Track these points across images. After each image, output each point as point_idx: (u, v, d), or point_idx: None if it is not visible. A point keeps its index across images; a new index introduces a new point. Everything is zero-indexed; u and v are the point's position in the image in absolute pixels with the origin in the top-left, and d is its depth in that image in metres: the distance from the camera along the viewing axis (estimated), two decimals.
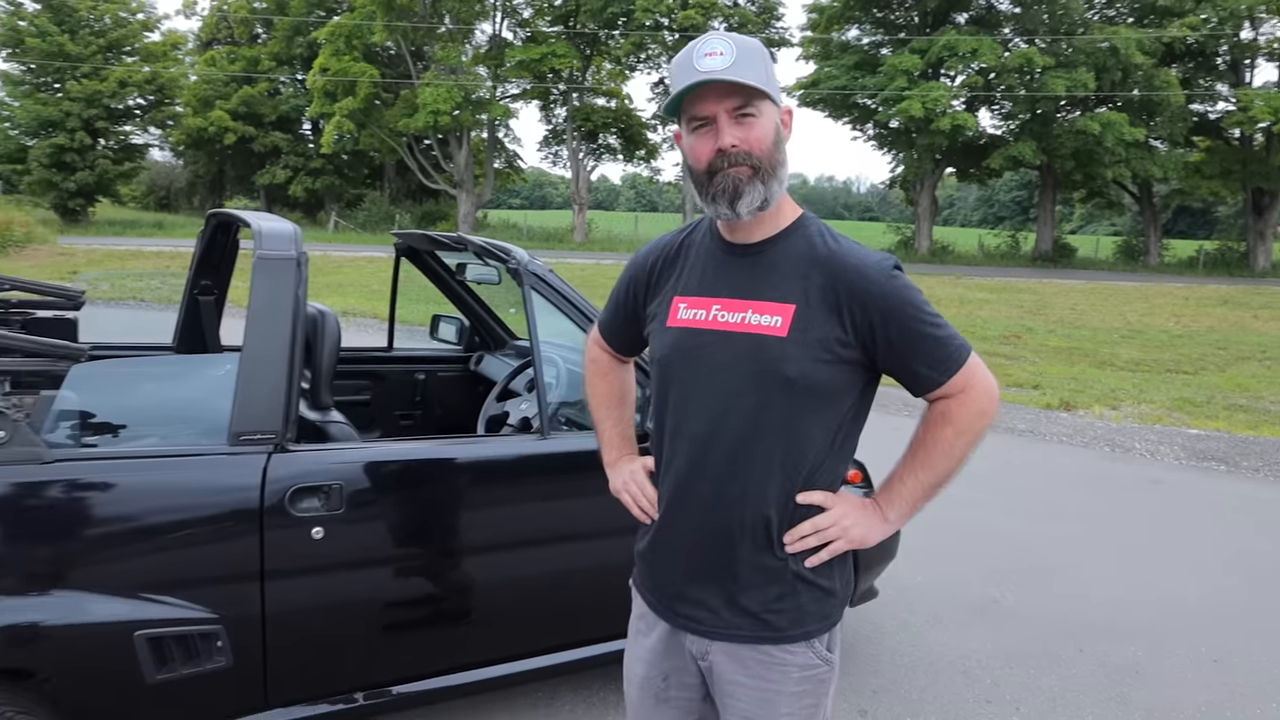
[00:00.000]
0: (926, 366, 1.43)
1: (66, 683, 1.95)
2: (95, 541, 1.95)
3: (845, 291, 1.41)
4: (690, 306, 1.51)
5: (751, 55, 1.38)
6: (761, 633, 1.48)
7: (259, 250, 2.19)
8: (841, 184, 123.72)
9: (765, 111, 1.40)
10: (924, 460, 1.48)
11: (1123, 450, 6.96)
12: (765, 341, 1.42)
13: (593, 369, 1.82)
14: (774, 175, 1.42)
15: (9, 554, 1.88)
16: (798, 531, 1.47)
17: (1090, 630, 3.75)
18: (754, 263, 1.48)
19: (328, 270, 18.61)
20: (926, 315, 1.42)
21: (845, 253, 1.44)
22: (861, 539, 1.50)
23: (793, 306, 1.42)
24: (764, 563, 1.47)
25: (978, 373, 1.45)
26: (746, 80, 1.36)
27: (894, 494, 1.51)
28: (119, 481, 1.98)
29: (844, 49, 31.57)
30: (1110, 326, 14.69)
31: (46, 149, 31.46)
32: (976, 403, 1.45)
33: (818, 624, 1.50)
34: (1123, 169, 28.41)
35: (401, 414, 3.91)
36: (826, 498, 1.48)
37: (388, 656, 2.37)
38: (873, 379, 1.49)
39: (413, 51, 33.21)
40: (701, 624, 1.52)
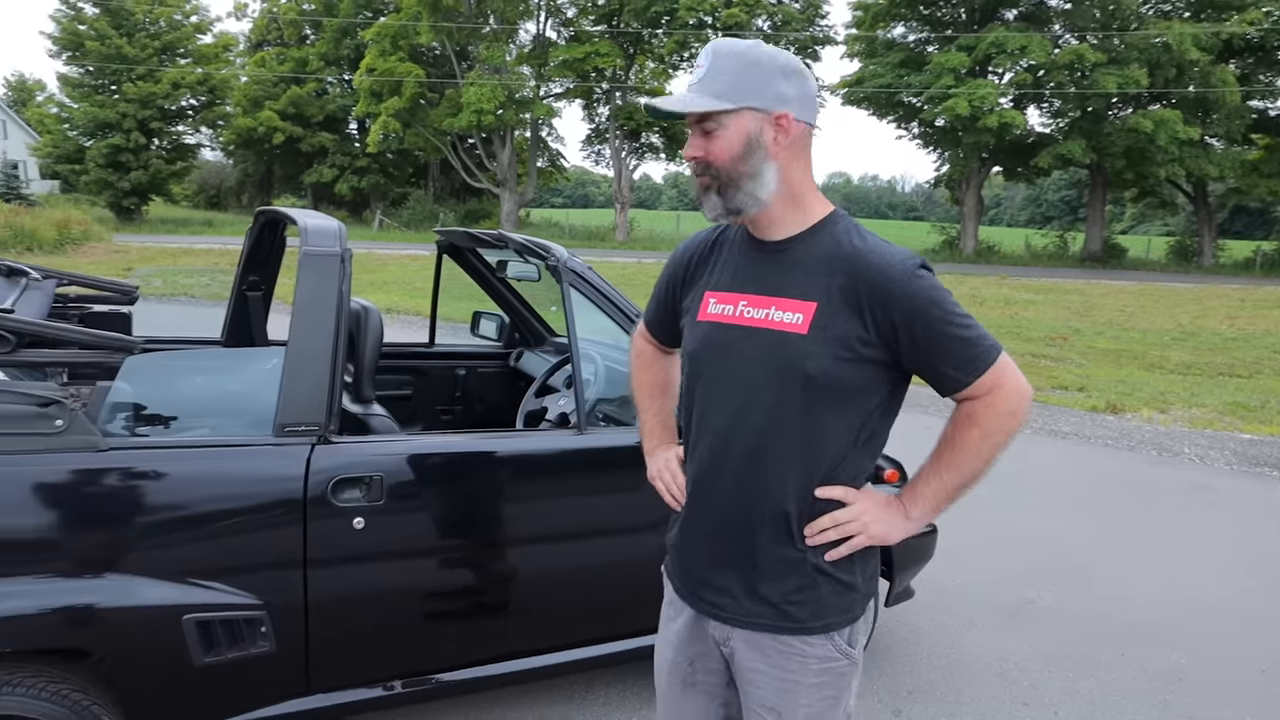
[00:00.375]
0: (952, 367, 1.43)
1: (119, 663, 2.02)
2: (146, 527, 2.02)
3: (866, 290, 1.41)
4: (720, 302, 1.55)
5: (726, 66, 1.42)
6: (781, 622, 1.51)
7: (304, 246, 2.25)
8: (886, 183, 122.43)
9: (731, 124, 1.43)
10: (950, 461, 1.48)
11: (1170, 454, 6.82)
12: (786, 338, 1.44)
13: (638, 361, 1.87)
14: (737, 186, 1.45)
15: (66, 538, 1.95)
16: (817, 525, 1.48)
17: (1132, 634, 3.69)
18: (779, 260, 1.50)
19: (372, 268, 18.88)
20: (952, 315, 1.41)
21: (869, 251, 1.44)
22: (882, 536, 1.50)
23: (814, 304, 1.43)
24: (784, 554, 1.50)
25: (1007, 374, 1.44)
26: (689, 109, 1.42)
27: (918, 493, 1.51)
28: (169, 470, 2.05)
29: (889, 46, 31.22)
30: (1161, 329, 14.36)
31: (103, 149, 32.33)
32: (1005, 404, 1.43)
33: (838, 617, 1.52)
34: (1176, 168, 27.75)
35: (442, 409, 3.97)
36: (847, 493, 1.49)
37: (425, 645, 2.42)
38: (902, 378, 1.49)
39: (457, 51, 33.54)
40: (724, 610, 1.56)
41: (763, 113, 1.43)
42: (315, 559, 2.18)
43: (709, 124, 1.43)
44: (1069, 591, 4.12)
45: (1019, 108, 29.13)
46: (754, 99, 1.42)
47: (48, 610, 1.93)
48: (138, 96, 32.30)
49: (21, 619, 1.91)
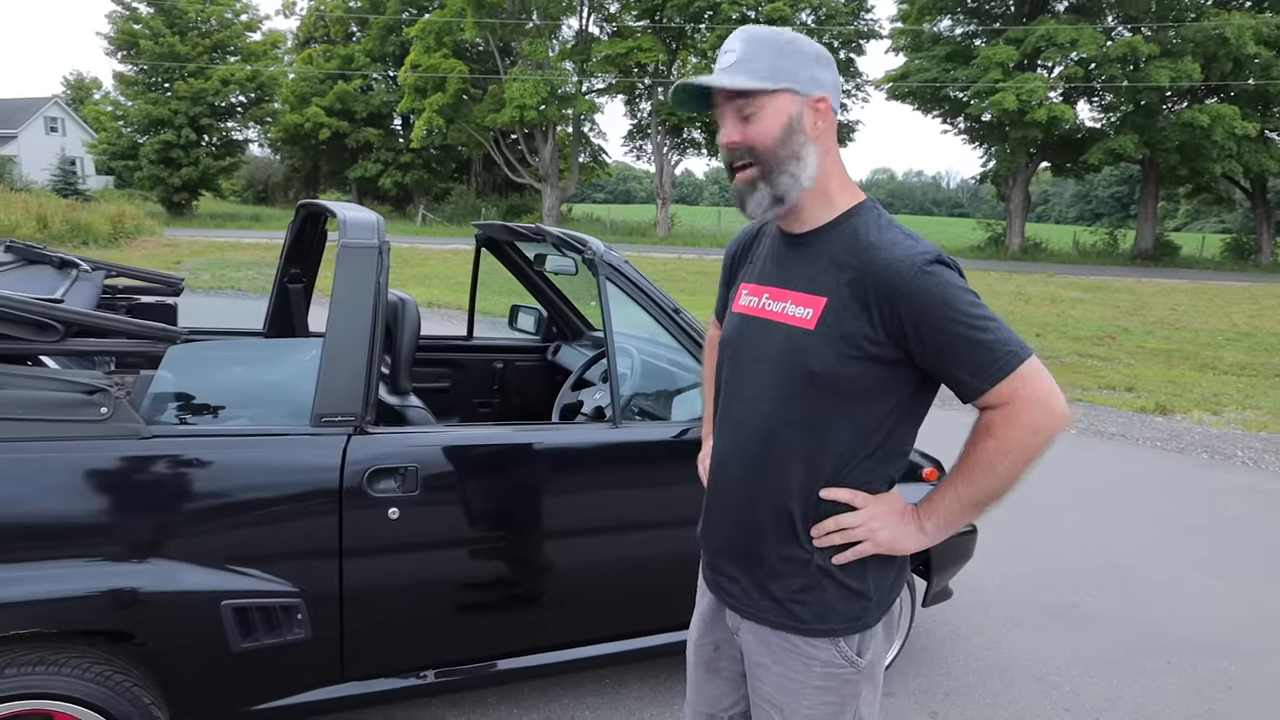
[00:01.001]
0: (966, 372, 1.33)
1: (160, 646, 2.06)
2: (186, 514, 2.05)
3: (873, 286, 1.36)
4: (749, 293, 1.56)
5: (761, 49, 1.39)
6: (786, 620, 1.49)
7: (343, 239, 2.27)
8: (931, 179, 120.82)
9: (768, 107, 1.39)
10: (966, 474, 1.39)
11: (1222, 457, 6.64)
12: (794, 333, 1.43)
13: (708, 349, 1.92)
14: (781, 170, 1.41)
15: (109, 522, 2.00)
16: (822, 526, 1.45)
17: (1178, 641, 3.60)
18: (801, 253, 1.48)
19: (415, 262, 19.08)
20: (964, 315, 1.31)
21: (881, 244, 1.38)
22: (889, 544, 1.44)
23: (824, 299, 1.40)
24: (789, 553, 1.48)
25: (1030, 384, 1.31)
26: (725, 84, 1.38)
27: (934, 505, 1.44)
28: (209, 458, 2.08)
29: (935, 40, 30.74)
30: (1214, 328, 13.98)
31: (155, 146, 33.07)
32: (1024, 417, 1.31)
33: (844, 624, 1.47)
34: (1233, 163, 26.99)
35: (480, 401, 3.99)
36: (855, 496, 1.44)
37: (458, 636, 2.43)
38: (925, 381, 1.42)
39: (500, 47, 33.71)
40: (734, 600, 1.56)
41: (801, 96, 1.40)
42: (350, 548, 2.20)
43: (747, 107, 1.40)
44: (1113, 595, 4.03)
45: (1069, 102, 28.50)
46: (793, 81, 1.39)
47: (93, 593, 1.97)
48: (189, 94, 32.99)
49: (67, 601, 1.95)
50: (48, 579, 1.94)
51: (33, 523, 1.93)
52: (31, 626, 1.94)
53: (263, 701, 2.21)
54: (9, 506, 1.91)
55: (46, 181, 34.31)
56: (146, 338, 2.14)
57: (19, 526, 1.92)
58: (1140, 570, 4.33)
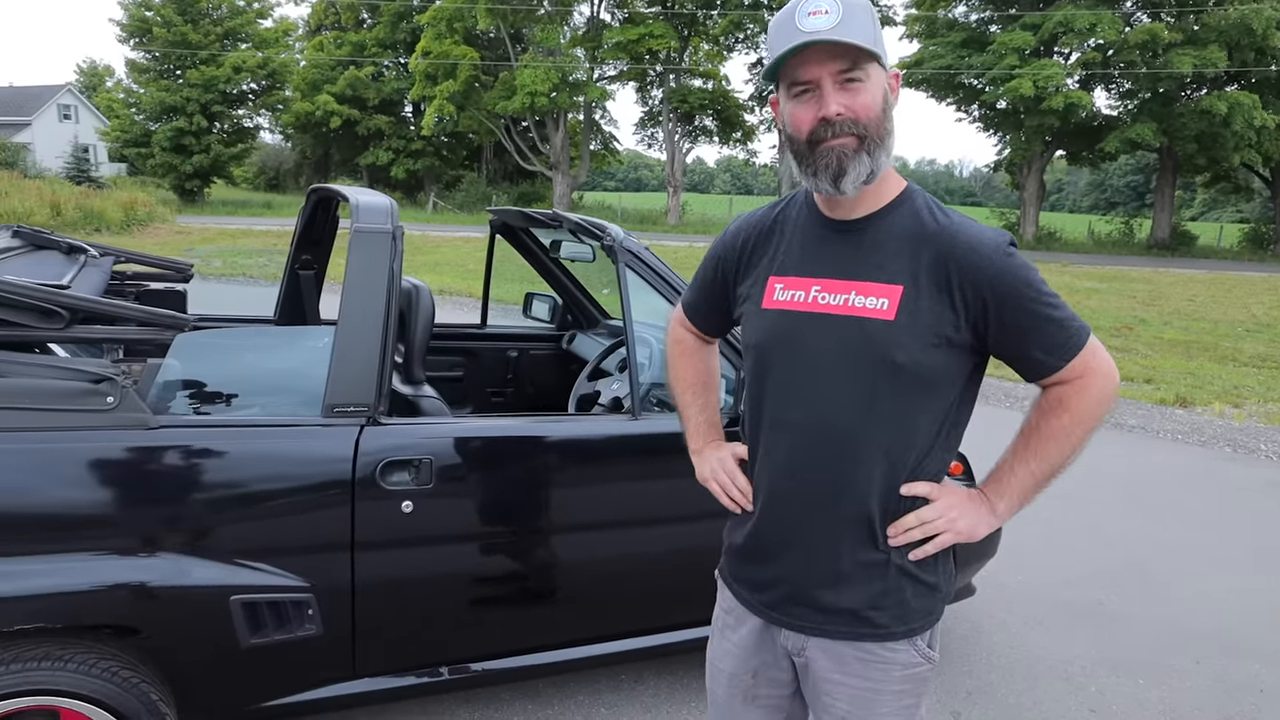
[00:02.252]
0: (1043, 351, 1.34)
1: (168, 641, 2.02)
2: (194, 506, 2.00)
3: (957, 270, 1.32)
4: (788, 287, 1.43)
5: (859, 13, 1.28)
6: (863, 629, 1.42)
7: (355, 224, 2.21)
8: (944, 167, 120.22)
9: (873, 76, 1.31)
10: (1037, 449, 1.40)
11: (1245, 451, 6.53)
12: (871, 325, 1.34)
13: (676, 350, 1.74)
14: (881, 145, 1.32)
15: (116, 515, 1.94)
16: (902, 524, 1.40)
17: (1206, 642, 3.52)
18: (857, 240, 1.39)
19: (426, 249, 19.06)
20: (1045, 296, 1.33)
21: (957, 228, 1.35)
22: (969, 532, 1.42)
23: (900, 288, 1.33)
24: (867, 557, 1.41)
25: (1098, 356, 1.36)
26: (855, 40, 1.26)
27: (1003, 485, 1.43)
28: (218, 449, 2.02)
29: (950, 26, 30.41)
30: (1233, 319, 13.81)
31: (168, 133, 33.07)
32: (1096, 388, 1.36)
33: (922, 620, 1.44)
34: (1252, 152, 26.65)
35: (493, 391, 3.93)
36: (932, 489, 1.40)
37: (472, 632, 2.38)
38: (980, 365, 1.41)
39: (512, 34, 33.55)
40: (800, 619, 1.46)
41: (885, 70, 1.34)
42: (363, 542, 2.15)
43: (856, 74, 1.29)
44: (1138, 593, 3.95)
45: (1086, 89, 28.16)
46: (883, 53, 1.32)
47: (99, 587, 1.92)
48: (200, 81, 32.95)
49: (73, 595, 1.90)
50: (53, 573, 1.89)
51: (38, 515, 1.89)
52: (37, 621, 1.89)
53: (272, 698, 2.16)
54: (13, 498, 1.86)
55: (60, 169, 34.39)
56: (154, 325, 2.08)
57: (24, 518, 1.87)
58: (1164, 567, 4.25)
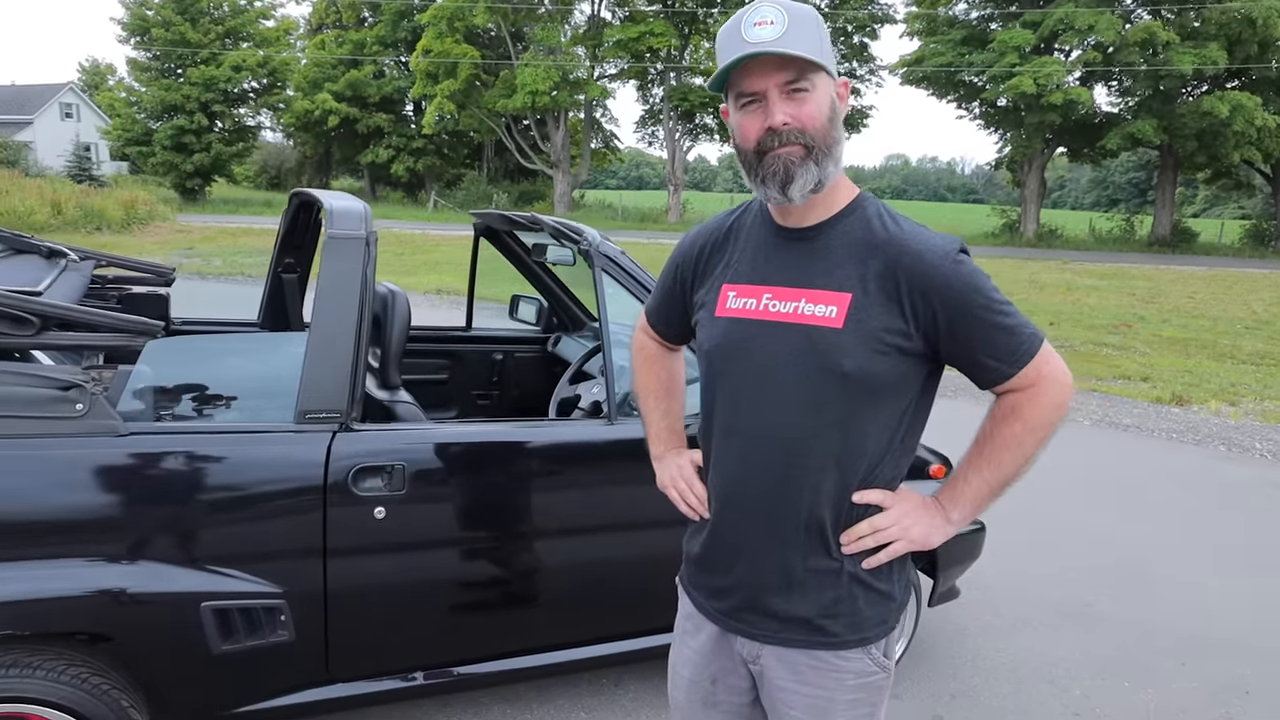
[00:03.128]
0: (994, 358, 1.34)
1: (139, 648, 2.01)
2: (165, 513, 2.00)
3: (905, 278, 1.32)
4: (740, 295, 1.44)
5: (805, 23, 1.28)
6: (816, 638, 1.42)
7: (329, 229, 2.20)
8: (945, 165, 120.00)
9: (819, 85, 1.31)
10: (991, 457, 1.39)
11: (1240, 450, 6.52)
12: (819, 333, 1.34)
13: (639, 357, 1.75)
14: (829, 154, 1.32)
15: (86, 522, 1.94)
16: (855, 532, 1.40)
17: (1193, 643, 3.51)
18: (808, 248, 1.39)
19: (426, 248, 19.06)
20: (995, 303, 1.33)
21: (906, 236, 1.34)
22: (923, 539, 1.42)
23: (849, 295, 1.33)
24: (820, 565, 1.41)
25: (1050, 364, 1.36)
26: (798, 52, 1.26)
27: (957, 493, 1.43)
28: (189, 456, 2.02)
29: (951, 24, 30.34)
30: (1233, 317, 13.77)
31: (169, 131, 33.11)
32: (1048, 396, 1.36)
33: (875, 629, 1.44)
34: (1252, 150, 26.58)
35: (479, 394, 3.93)
36: (885, 496, 1.40)
37: (448, 638, 2.37)
38: (935, 371, 1.41)
39: (512, 33, 33.53)
40: (753, 627, 1.46)
41: (833, 79, 1.34)
42: (335, 548, 2.15)
43: (801, 84, 1.29)
44: (1127, 594, 3.94)
45: (1085, 86, 28.07)
46: (829, 62, 1.32)
47: (69, 594, 1.92)
48: (201, 80, 32.97)
49: (43, 602, 1.90)
50: (23, 580, 1.89)
51: (6, 522, 1.88)
52: (6, 629, 1.89)
53: (246, 704, 2.16)
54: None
55: (61, 167, 34.44)
56: (125, 331, 2.08)
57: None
58: (1155, 567, 4.24)
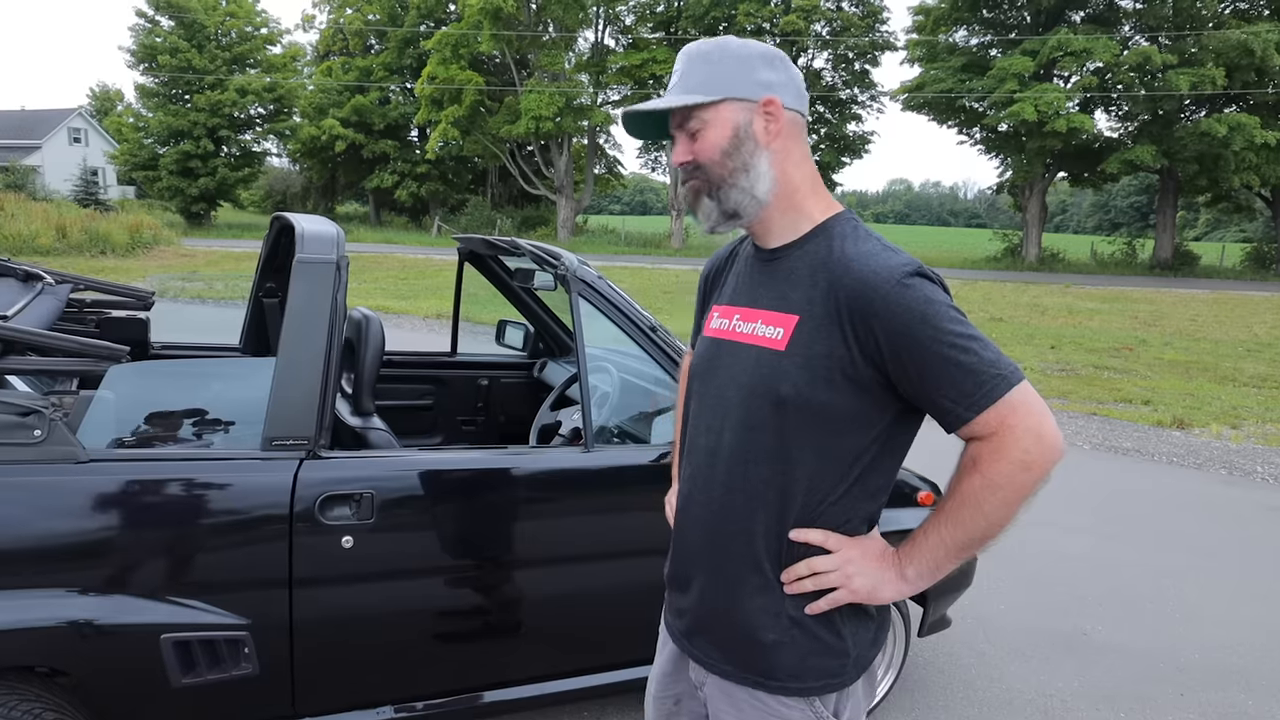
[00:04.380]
0: (949, 399, 1.20)
1: (95, 683, 1.96)
2: (125, 542, 1.95)
3: (847, 301, 1.24)
4: (721, 315, 1.45)
5: (694, 63, 1.33)
6: (755, 676, 1.35)
7: (299, 253, 2.17)
8: (948, 190, 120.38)
9: (713, 120, 1.32)
10: (951, 513, 1.24)
11: (1242, 474, 6.44)
12: (764, 355, 1.31)
13: (683, 381, 1.74)
14: (730, 184, 1.33)
15: (42, 552, 1.89)
16: (793, 571, 1.31)
17: (1192, 673, 3.43)
18: (773, 270, 1.37)
19: (429, 273, 19.11)
20: (949, 335, 1.19)
21: (854, 256, 1.26)
22: (868, 593, 1.30)
23: (795, 318, 1.29)
24: (758, 601, 1.34)
25: (1020, 412, 1.18)
26: (661, 105, 1.32)
27: (916, 548, 1.28)
28: (151, 482, 1.98)
29: (951, 51, 30.52)
30: (1235, 339, 13.70)
31: (175, 156, 33.37)
32: (1014, 449, 1.18)
33: (818, 681, 1.33)
34: (1251, 175, 26.58)
35: (464, 420, 3.88)
36: (828, 538, 1.30)
37: (417, 670, 2.31)
38: (908, 406, 1.28)
39: (517, 60, 33.81)
40: (701, 652, 1.42)
41: (748, 102, 1.31)
42: (301, 578, 2.09)
43: (692, 124, 1.33)
44: (1125, 622, 3.86)
45: (1086, 111, 28.15)
46: (735, 88, 1.30)
47: (22, 627, 1.86)
48: (207, 105, 33.26)
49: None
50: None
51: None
52: None
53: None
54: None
55: (69, 191, 34.69)
56: (89, 355, 2.05)
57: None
58: (1153, 595, 4.16)
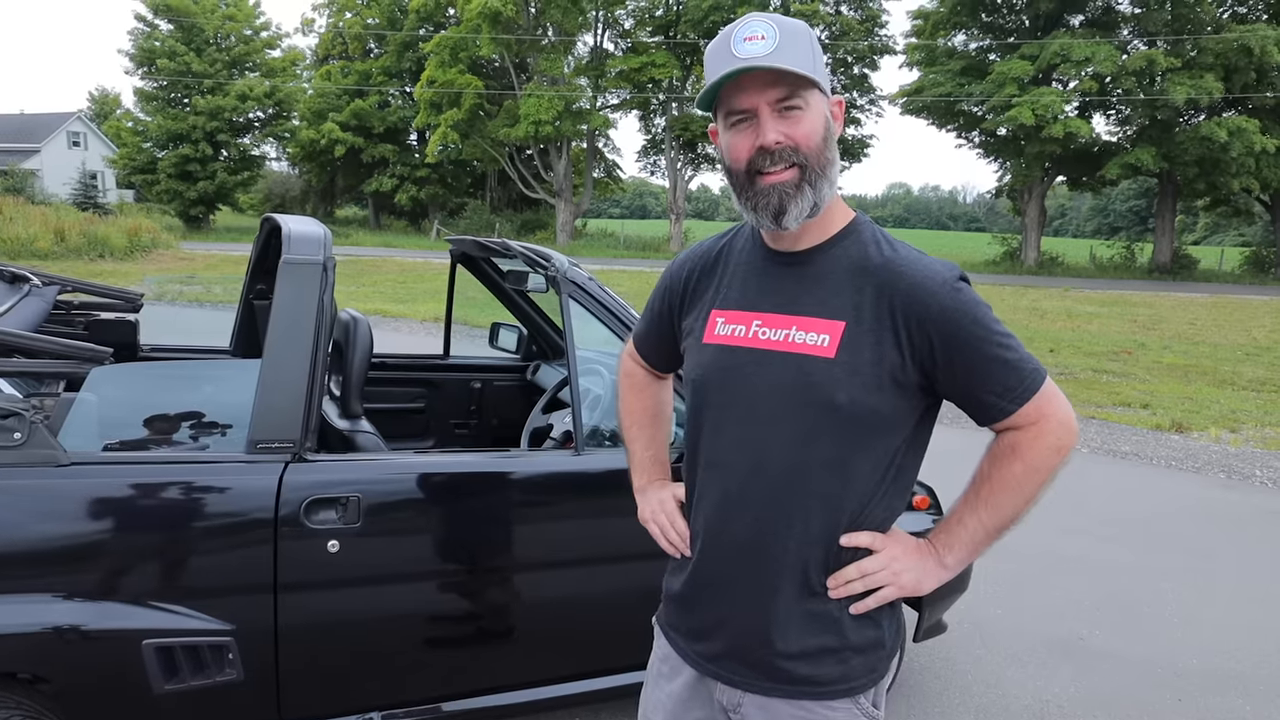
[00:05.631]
0: (994, 394, 1.27)
1: (76, 690, 1.93)
2: (106, 546, 1.93)
3: (902, 306, 1.25)
4: (729, 322, 1.38)
5: (797, 38, 1.23)
6: (801, 686, 1.33)
7: (285, 254, 2.15)
8: (947, 194, 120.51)
9: (813, 103, 1.25)
10: (988, 499, 1.31)
11: (1240, 477, 6.42)
12: (810, 363, 1.27)
13: (626, 384, 1.69)
14: (824, 176, 1.27)
15: (22, 556, 1.87)
16: (842, 575, 1.32)
17: (1190, 678, 3.41)
18: (800, 274, 1.33)
19: (428, 277, 19.08)
20: (996, 335, 1.25)
21: (903, 261, 1.27)
22: (914, 585, 1.34)
23: (842, 324, 1.27)
24: (806, 609, 1.32)
25: (1054, 402, 1.28)
26: (791, 67, 1.20)
27: (953, 536, 1.34)
28: (133, 486, 1.95)
29: (950, 55, 30.54)
30: (1233, 343, 13.69)
31: (173, 160, 33.37)
32: (1050, 436, 1.27)
33: (864, 678, 1.35)
34: (1250, 179, 26.59)
35: (457, 423, 3.86)
36: (874, 539, 1.32)
37: (406, 676, 2.29)
38: (932, 405, 1.33)
39: (516, 63, 33.83)
40: (735, 674, 1.38)
41: (827, 96, 1.28)
42: (287, 583, 2.07)
43: (794, 101, 1.24)
44: (1122, 627, 3.83)
45: (1084, 116, 28.17)
46: (823, 79, 1.26)
47: (3, 634, 1.84)
48: (206, 109, 33.28)
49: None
50: None
51: None
52: None
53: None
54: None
55: (67, 195, 34.69)
56: (71, 358, 2.02)
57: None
58: (1151, 599, 4.14)
